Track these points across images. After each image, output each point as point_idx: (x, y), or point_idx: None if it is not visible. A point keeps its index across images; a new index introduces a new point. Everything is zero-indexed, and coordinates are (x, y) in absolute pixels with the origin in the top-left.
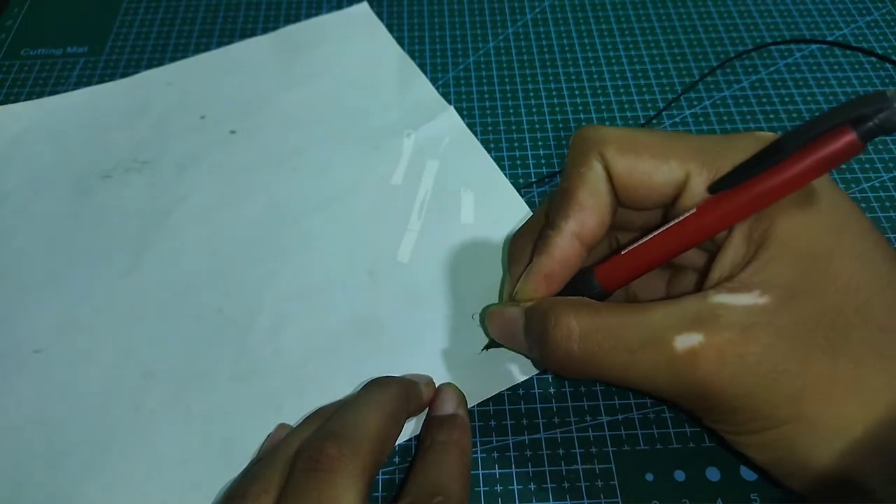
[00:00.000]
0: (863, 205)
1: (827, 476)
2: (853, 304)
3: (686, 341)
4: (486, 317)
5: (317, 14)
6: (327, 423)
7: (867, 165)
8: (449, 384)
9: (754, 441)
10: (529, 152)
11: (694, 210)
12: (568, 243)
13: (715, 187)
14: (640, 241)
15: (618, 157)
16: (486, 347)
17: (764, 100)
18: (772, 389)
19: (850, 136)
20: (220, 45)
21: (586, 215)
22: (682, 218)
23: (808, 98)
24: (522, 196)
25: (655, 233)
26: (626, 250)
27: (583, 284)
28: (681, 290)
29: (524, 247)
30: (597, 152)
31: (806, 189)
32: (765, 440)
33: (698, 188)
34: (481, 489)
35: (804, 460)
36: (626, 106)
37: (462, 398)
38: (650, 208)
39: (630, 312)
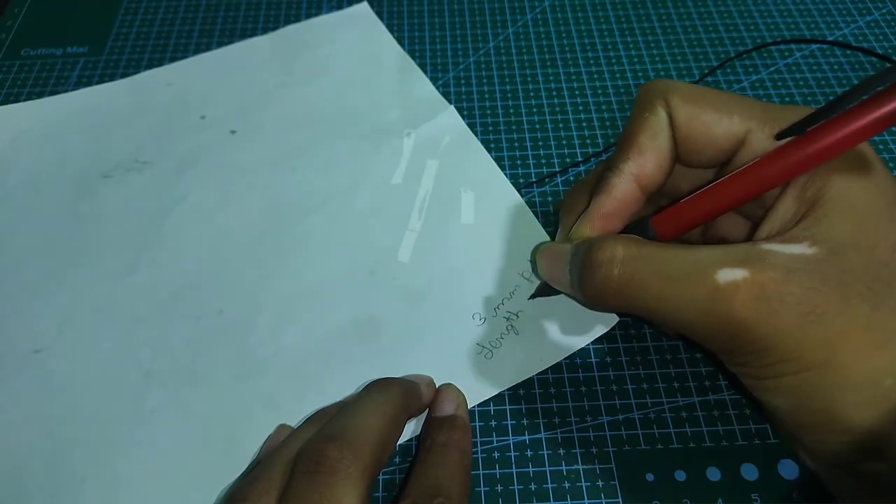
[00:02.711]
0: None
1: (845, 428)
2: None
3: (729, 275)
4: (536, 255)
5: (317, 14)
6: (328, 424)
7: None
8: (449, 385)
9: (777, 385)
10: (529, 152)
11: (759, 158)
12: (627, 184)
13: (782, 135)
14: (701, 190)
15: (681, 105)
16: (534, 296)
17: (764, 100)
18: (806, 331)
19: None
20: (220, 45)
21: (646, 158)
22: (747, 165)
23: (809, 98)
24: (522, 196)
25: (719, 180)
26: (685, 199)
27: (638, 233)
28: None
29: (577, 199)
30: (662, 99)
31: (859, 156)
32: (789, 384)
33: (758, 145)
34: (482, 489)
35: (825, 409)
36: (627, 106)
37: (462, 399)
38: (705, 165)
39: (675, 247)
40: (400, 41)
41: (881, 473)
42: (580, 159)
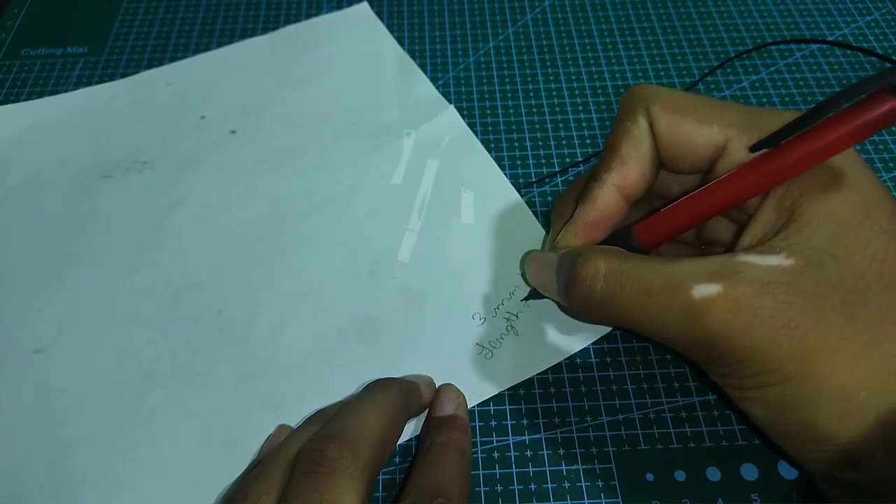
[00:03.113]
0: None
1: (824, 439)
2: (878, 271)
3: (704, 290)
4: (525, 262)
5: (317, 14)
6: (328, 424)
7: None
8: (449, 385)
9: (760, 396)
10: (529, 152)
11: (735, 169)
12: (609, 195)
13: (757, 147)
14: (681, 199)
15: (662, 115)
16: (526, 298)
17: (764, 100)
18: (780, 343)
19: (891, 103)
20: (220, 45)
21: (628, 168)
22: (723, 177)
23: (809, 98)
24: (522, 196)
25: (696, 191)
26: (666, 208)
27: (622, 241)
28: None
29: (567, 204)
30: (644, 108)
31: (838, 166)
32: (768, 395)
33: (737, 154)
34: (481, 489)
35: (804, 420)
36: None
37: (462, 399)
38: (688, 171)
39: (655, 261)
40: (400, 41)
41: (860, 482)
42: (580, 159)
